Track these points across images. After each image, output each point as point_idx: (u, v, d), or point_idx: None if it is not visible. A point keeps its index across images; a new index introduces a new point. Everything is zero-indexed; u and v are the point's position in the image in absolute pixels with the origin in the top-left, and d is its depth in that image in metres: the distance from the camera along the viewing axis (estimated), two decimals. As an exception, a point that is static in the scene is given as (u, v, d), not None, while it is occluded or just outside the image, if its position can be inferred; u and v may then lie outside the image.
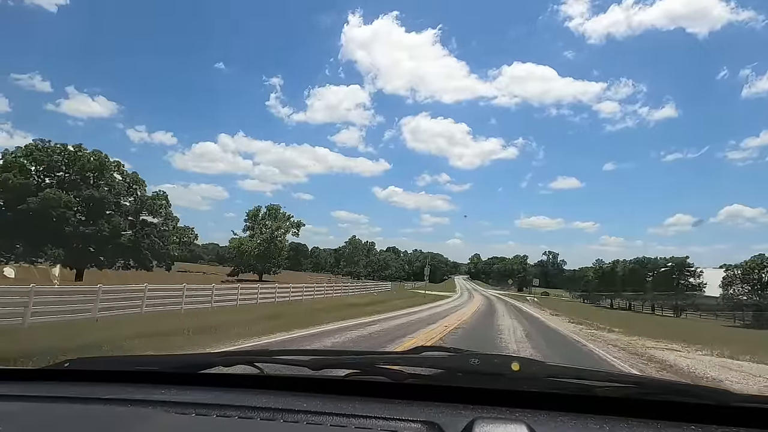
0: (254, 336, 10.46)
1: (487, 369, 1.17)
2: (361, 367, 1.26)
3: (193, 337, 9.72)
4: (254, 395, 1.15)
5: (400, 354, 1.65)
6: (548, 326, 20.92)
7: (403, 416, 0.98)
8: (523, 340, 13.92)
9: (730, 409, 1.01)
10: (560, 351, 12.56)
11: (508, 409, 1.02)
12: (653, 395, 1.09)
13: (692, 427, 0.95)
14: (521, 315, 27.21)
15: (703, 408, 1.02)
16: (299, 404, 1.06)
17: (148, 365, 1.44)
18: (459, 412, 1.00)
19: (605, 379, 1.20)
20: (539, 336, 15.66)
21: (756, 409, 1.02)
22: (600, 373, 1.33)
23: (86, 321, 11.70)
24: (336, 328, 13.32)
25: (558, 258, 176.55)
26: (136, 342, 8.46)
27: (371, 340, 11.42)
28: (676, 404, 1.04)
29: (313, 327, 12.85)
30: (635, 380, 1.26)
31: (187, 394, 1.17)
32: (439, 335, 13.29)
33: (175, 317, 13.59)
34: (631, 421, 0.97)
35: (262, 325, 12.34)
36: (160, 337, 9.43)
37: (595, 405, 1.05)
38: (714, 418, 0.98)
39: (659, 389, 1.16)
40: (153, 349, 7.83)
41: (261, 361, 1.34)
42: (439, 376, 1.18)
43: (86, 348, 7.46)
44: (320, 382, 1.24)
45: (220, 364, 1.35)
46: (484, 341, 12.99)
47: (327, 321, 14.41)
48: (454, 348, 1.44)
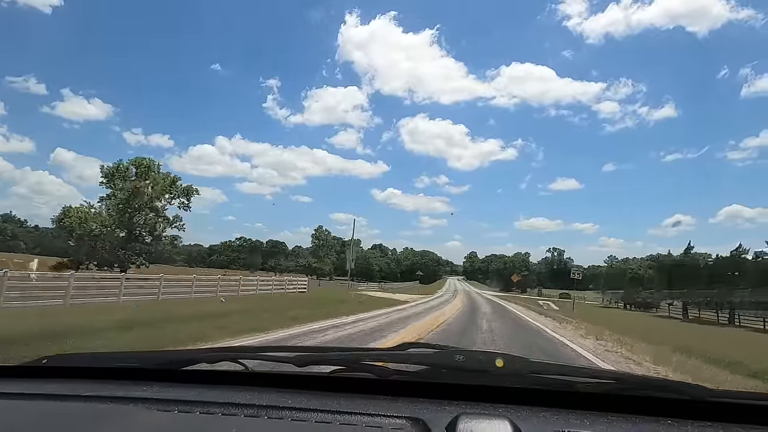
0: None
1: (472, 365, 1.16)
2: (347, 363, 1.27)
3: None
4: (238, 392, 1.14)
5: (386, 350, 1.55)
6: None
7: (388, 412, 0.99)
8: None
9: (705, 404, 1.04)
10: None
11: (492, 405, 1.03)
12: (632, 390, 1.12)
13: (668, 422, 0.97)
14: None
15: (680, 403, 1.05)
16: (284, 401, 1.07)
17: (130, 362, 1.41)
18: (444, 408, 1.01)
19: (587, 375, 1.22)
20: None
21: (729, 404, 1.06)
22: (582, 369, 1.36)
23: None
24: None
25: (564, 255, 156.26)
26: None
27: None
28: (654, 399, 1.08)
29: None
30: (615, 376, 1.28)
31: (169, 391, 1.16)
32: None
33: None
34: (611, 416, 0.99)
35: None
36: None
37: (577, 400, 1.07)
38: (690, 412, 1.01)
39: (638, 385, 1.19)
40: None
41: (246, 357, 1.35)
42: (424, 373, 1.18)
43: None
44: (305, 378, 1.24)
45: (203, 360, 1.34)
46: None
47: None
48: (439, 345, 1.44)
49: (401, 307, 22.25)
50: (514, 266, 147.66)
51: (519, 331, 14.95)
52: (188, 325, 9.88)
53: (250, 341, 8.73)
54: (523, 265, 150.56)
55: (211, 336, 8.68)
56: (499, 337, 12.51)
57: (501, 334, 13.25)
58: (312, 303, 18.99)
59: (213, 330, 9.39)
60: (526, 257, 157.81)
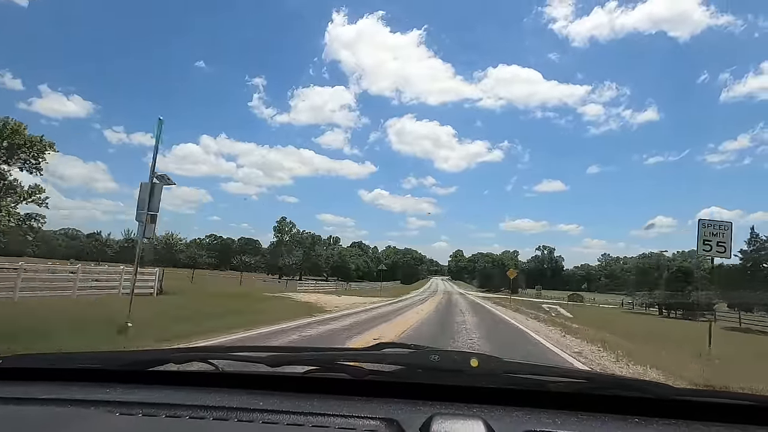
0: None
1: (447, 365, 1.16)
2: (321, 363, 1.24)
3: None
4: (207, 393, 1.11)
5: (361, 351, 1.55)
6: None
7: (362, 413, 0.98)
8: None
9: (670, 402, 1.06)
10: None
11: (466, 405, 1.03)
12: (601, 390, 1.13)
13: (635, 420, 1.00)
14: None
15: (647, 401, 1.07)
16: (255, 402, 1.04)
17: (92, 362, 1.34)
18: (418, 408, 1.01)
19: (559, 375, 1.24)
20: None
21: (692, 402, 1.09)
22: (554, 369, 1.37)
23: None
24: None
25: (554, 254, 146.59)
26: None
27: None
28: (622, 398, 1.09)
29: None
30: (586, 376, 1.29)
31: (134, 393, 1.12)
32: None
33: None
34: (581, 414, 1.01)
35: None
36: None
37: (549, 400, 1.08)
38: (656, 411, 1.04)
39: (607, 384, 1.20)
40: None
41: (216, 357, 1.30)
42: (399, 373, 1.18)
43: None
44: (278, 379, 1.21)
45: (171, 360, 1.30)
46: None
47: None
48: (414, 345, 1.42)
49: (325, 317, 14.70)
50: (503, 265, 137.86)
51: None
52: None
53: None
54: (512, 263, 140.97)
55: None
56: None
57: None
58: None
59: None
60: (514, 255, 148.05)
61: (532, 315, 22.88)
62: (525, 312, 24.32)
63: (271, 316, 12.86)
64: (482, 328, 14.33)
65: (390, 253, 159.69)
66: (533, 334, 13.29)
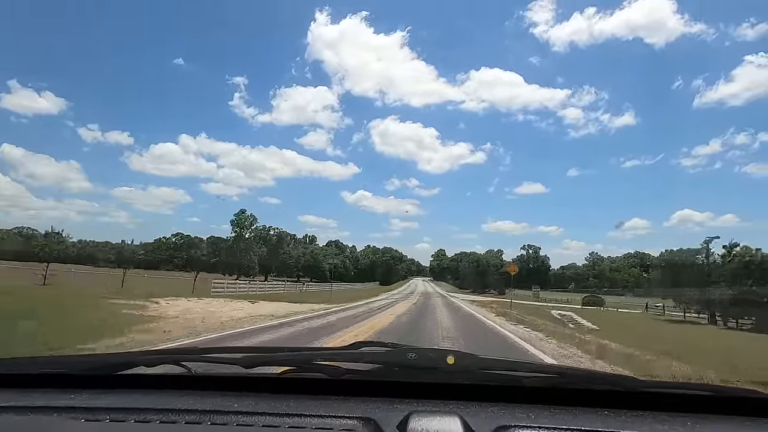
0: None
1: (424, 363, 1.16)
2: (297, 363, 1.23)
3: None
4: (179, 397, 1.08)
5: (338, 350, 1.57)
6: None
7: (339, 413, 0.98)
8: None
9: (638, 395, 1.10)
10: None
11: (442, 402, 1.04)
12: (573, 384, 1.16)
13: (605, 412, 1.03)
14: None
15: (616, 394, 1.10)
16: (229, 405, 1.02)
17: (55, 367, 1.27)
18: (395, 406, 1.02)
19: (533, 370, 1.25)
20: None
21: (658, 393, 1.13)
22: (529, 365, 1.39)
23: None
24: None
25: (539, 253, 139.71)
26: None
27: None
28: (593, 392, 1.12)
29: None
30: (559, 371, 1.31)
31: (100, 398, 1.08)
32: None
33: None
34: (554, 408, 1.04)
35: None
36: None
37: (523, 395, 1.10)
38: (625, 403, 1.07)
39: (579, 378, 1.22)
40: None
41: (188, 360, 1.26)
42: (376, 371, 1.18)
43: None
44: (253, 380, 1.19)
45: (141, 363, 1.24)
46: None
47: None
48: (392, 343, 1.42)
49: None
50: (487, 264, 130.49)
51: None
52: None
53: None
54: (497, 263, 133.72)
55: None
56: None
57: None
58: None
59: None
60: (498, 255, 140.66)
61: (550, 329, 14.44)
62: (536, 326, 15.79)
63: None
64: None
65: (368, 253, 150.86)
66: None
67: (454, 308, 25.34)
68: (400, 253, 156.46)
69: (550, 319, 21.07)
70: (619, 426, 0.96)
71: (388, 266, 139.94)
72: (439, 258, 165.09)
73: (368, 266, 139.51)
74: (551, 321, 19.79)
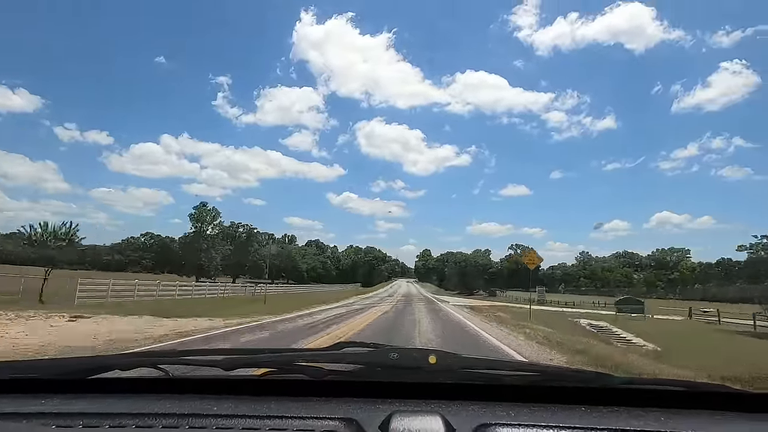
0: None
1: (406, 363, 1.16)
2: (279, 365, 1.21)
3: None
4: (156, 401, 1.05)
5: (320, 351, 1.52)
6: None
7: (320, 414, 0.98)
8: None
9: (613, 391, 1.13)
10: None
11: (424, 402, 1.05)
12: (552, 381, 1.18)
13: (583, 408, 1.05)
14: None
15: (593, 391, 1.13)
16: (208, 408, 1.00)
17: (24, 371, 1.23)
18: (377, 406, 1.01)
19: (513, 369, 1.28)
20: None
21: (632, 389, 1.16)
22: (509, 363, 1.44)
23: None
24: None
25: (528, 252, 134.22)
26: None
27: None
28: (571, 389, 1.14)
29: None
30: (539, 369, 1.35)
31: (72, 404, 1.04)
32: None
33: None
34: (533, 406, 1.05)
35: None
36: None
37: (504, 393, 1.11)
38: (601, 399, 1.09)
39: (558, 376, 1.25)
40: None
41: (166, 362, 1.22)
42: (358, 372, 1.18)
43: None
44: (233, 383, 1.17)
45: (117, 367, 1.21)
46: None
47: None
48: (374, 343, 1.43)
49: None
50: (476, 264, 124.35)
51: None
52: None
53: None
54: (485, 263, 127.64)
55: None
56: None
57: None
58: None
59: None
60: (486, 255, 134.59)
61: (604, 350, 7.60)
62: (576, 348, 8.90)
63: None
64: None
65: (351, 253, 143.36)
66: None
67: (446, 321, 17.62)
68: (384, 253, 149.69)
69: (578, 333, 14.20)
70: (596, 422, 0.97)
71: (370, 267, 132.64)
72: (424, 258, 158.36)
73: (350, 267, 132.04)
74: (586, 339, 12.87)
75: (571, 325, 17.75)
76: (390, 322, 15.91)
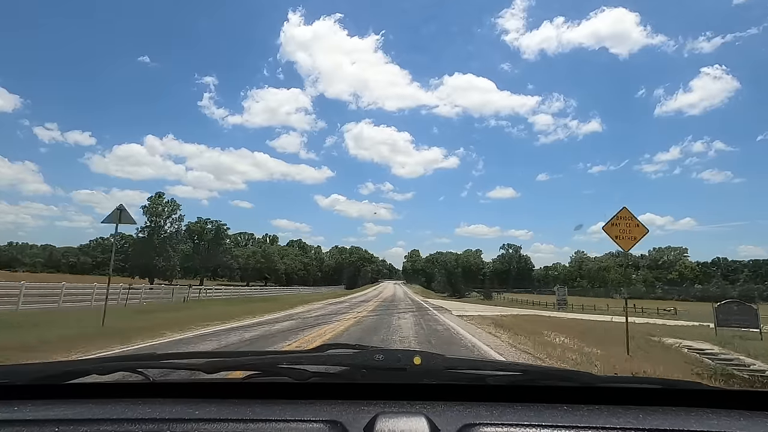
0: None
1: (391, 364, 1.16)
2: (263, 368, 1.19)
3: None
4: (136, 406, 1.00)
5: (304, 353, 1.47)
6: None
7: (305, 417, 0.97)
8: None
9: (594, 390, 1.15)
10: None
11: (409, 403, 1.04)
12: (535, 381, 1.20)
13: (565, 407, 1.05)
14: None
15: (575, 390, 1.14)
16: (190, 412, 0.97)
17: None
18: (362, 408, 1.01)
19: (497, 369, 1.28)
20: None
21: (613, 388, 1.18)
22: (493, 364, 1.40)
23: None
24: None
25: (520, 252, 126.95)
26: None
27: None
28: (553, 388, 1.16)
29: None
30: (522, 368, 1.34)
31: (48, 410, 0.99)
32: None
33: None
34: (517, 405, 1.06)
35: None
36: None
37: (488, 393, 1.12)
38: (583, 398, 1.10)
39: (540, 375, 1.26)
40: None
41: (146, 366, 1.20)
42: (343, 374, 1.16)
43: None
44: (216, 386, 1.14)
45: (94, 372, 1.17)
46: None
47: None
48: (359, 345, 1.42)
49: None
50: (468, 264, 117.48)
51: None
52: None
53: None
54: (477, 263, 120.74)
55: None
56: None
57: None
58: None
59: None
60: (477, 254, 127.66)
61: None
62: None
63: None
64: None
65: (335, 253, 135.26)
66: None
67: (434, 328, 10.88)
68: (370, 254, 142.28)
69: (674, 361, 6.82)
70: (577, 420, 0.99)
71: (356, 268, 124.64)
72: (412, 259, 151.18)
73: (332, 268, 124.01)
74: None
75: (694, 361, 10.24)
76: (385, 311, 11.97)
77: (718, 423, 0.98)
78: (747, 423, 0.99)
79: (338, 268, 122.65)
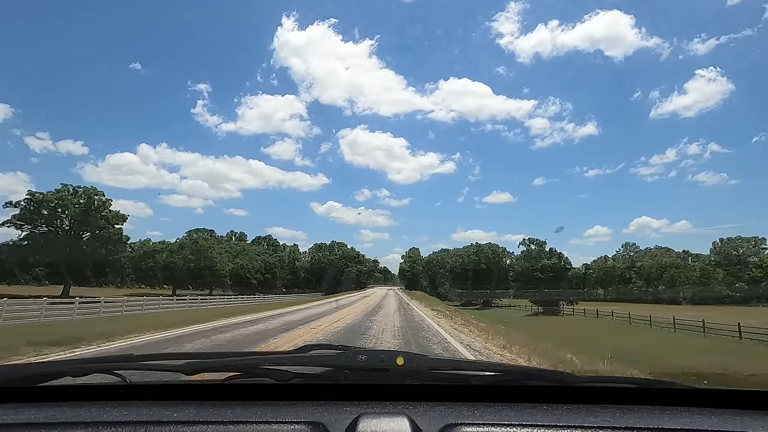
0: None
1: (374, 365, 1.16)
2: (244, 369, 1.18)
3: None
4: (112, 408, 0.99)
5: (287, 353, 1.46)
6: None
7: (287, 418, 0.96)
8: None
9: (572, 389, 1.17)
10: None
11: (391, 403, 1.05)
12: (516, 381, 1.22)
13: (544, 407, 1.08)
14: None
15: (554, 389, 1.17)
16: (168, 415, 0.96)
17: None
18: (344, 409, 1.01)
19: (479, 369, 1.31)
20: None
21: (591, 387, 1.20)
22: (475, 364, 1.43)
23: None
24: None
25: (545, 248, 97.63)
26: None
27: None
28: (533, 387, 1.19)
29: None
30: (503, 369, 1.36)
31: (20, 413, 0.97)
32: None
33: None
34: (498, 405, 1.08)
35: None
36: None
37: (470, 393, 1.14)
38: (561, 397, 1.13)
39: (521, 375, 1.28)
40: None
41: (123, 368, 1.17)
42: (326, 374, 1.16)
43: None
44: (195, 388, 1.14)
45: (68, 374, 1.14)
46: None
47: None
48: (341, 345, 1.42)
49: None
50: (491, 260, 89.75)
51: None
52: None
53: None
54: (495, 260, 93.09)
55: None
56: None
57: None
58: None
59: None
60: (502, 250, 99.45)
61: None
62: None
63: None
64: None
65: (313, 251, 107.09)
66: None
67: None
68: (357, 252, 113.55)
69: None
70: (556, 419, 1.01)
71: (337, 269, 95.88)
72: (411, 259, 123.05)
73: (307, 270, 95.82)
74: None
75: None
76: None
77: (691, 420, 1.01)
78: (718, 420, 1.01)
79: (314, 270, 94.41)
